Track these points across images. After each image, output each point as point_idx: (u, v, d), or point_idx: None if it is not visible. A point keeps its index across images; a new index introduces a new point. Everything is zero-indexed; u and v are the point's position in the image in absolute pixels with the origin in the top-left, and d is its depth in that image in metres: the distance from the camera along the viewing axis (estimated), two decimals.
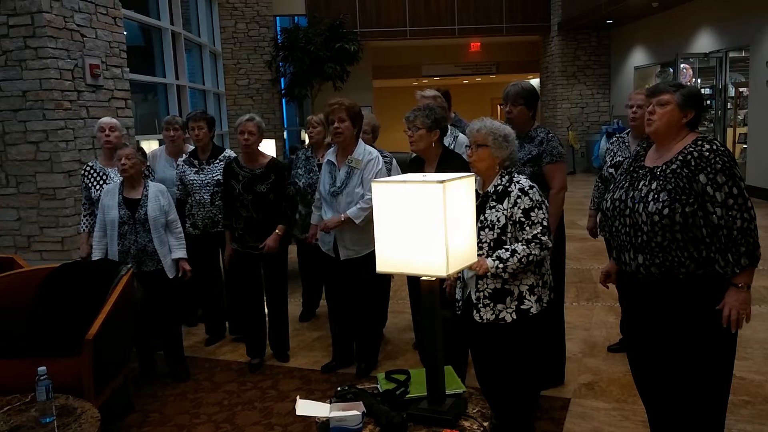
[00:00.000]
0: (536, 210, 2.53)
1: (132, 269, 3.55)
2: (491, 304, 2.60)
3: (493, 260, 2.52)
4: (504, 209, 2.55)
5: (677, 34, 11.54)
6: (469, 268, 2.37)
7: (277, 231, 3.94)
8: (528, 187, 2.57)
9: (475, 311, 2.64)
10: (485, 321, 2.62)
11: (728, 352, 2.33)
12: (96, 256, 3.79)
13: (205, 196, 4.36)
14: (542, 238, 2.52)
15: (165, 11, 8.48)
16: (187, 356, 4.15)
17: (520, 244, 2.53)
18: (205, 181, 4.37)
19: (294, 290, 5.29)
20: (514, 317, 2.57)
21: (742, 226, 2.18)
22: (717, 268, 2.23)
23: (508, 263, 2.50)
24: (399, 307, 4.87)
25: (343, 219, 3.59)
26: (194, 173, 4.40)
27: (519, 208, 2.53)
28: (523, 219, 2.52)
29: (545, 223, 2.54)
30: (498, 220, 2.55)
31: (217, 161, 4.40)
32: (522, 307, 2.57)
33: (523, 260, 2.50)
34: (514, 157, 2.70)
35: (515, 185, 2.58)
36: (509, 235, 2.56)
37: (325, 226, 3.67)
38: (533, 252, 2.51)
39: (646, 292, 2.35)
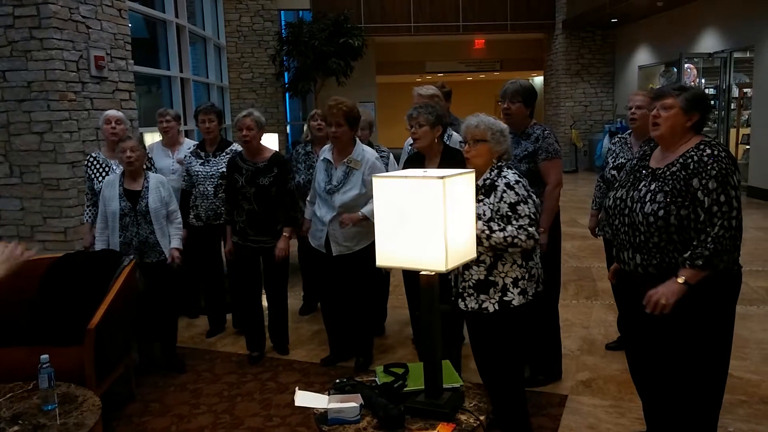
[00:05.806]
0: (522, 204, 2.57)
1: (135, 260, 3.57)
2: (475, 294, 2.65)
3: (483, 224, 2.55)
4: (490, 203, 2.60)
5: (682, 34, 11.52)
6: None
7: (285, 234, 3.95)
8: (514, 182, 2.60)
9: (460, 300, 2.71)
10: (469, 309, 2.68)
11: (723, 350, 2.36)
12: (98, 247, 3.81)
13: (209, 188, 4.41)
14: (529, 228, 2.55)
15: (170, 4, 8.49)
16: (187, 347, 4.18)
17: (510, 226, 2.56)
18: (210, 173, 4.41)
19: (295, 284, 5.31)
20: (497, 308, 2.62)
21: (717, 233, 2.18)
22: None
23: (494, 234, 2.52)
24: (398, 302, 4.89)
25: (361, 217, 3.57)
26: (199, 165, 4.44)
27: (505, 202, 2.57)
28: (509, 213, 2.56)
29: (532, 216, 2.58)
30: (484, 213, 2.60)
31: (223, 154, 4.44)
32: (505, 298, 2.61)
33: (507, 239, 2.53)
34: (510, 151, 2.75)
35: (502, 180, 2.61)
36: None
37: (349, 219, 3.59)
38: (520, 236, 2.53)
39: (644, 290, 2.37)
